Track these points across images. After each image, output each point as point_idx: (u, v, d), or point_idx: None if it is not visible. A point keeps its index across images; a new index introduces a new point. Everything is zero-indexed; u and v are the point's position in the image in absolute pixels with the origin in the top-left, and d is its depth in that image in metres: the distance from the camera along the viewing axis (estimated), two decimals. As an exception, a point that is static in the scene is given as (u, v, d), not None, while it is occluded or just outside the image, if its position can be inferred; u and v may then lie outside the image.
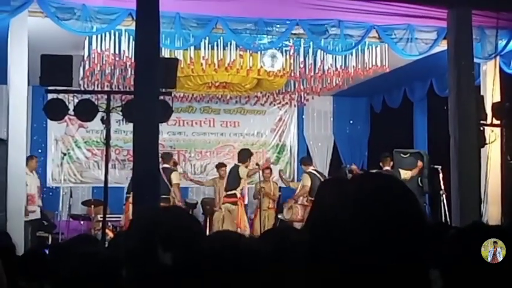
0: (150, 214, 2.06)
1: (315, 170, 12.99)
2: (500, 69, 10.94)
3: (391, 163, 12.65)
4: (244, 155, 12.75)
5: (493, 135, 10.22)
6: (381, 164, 12.56)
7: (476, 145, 9.02)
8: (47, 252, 4.23)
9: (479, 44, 10.36)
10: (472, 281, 1.94)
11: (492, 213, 10.26)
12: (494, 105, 10.20)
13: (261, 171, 12.98)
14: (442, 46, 10.25)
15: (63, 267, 2.70)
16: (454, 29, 9.07)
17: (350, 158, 15.78)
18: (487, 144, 10.04)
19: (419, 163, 12.59)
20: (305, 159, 13.80)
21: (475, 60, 9.88)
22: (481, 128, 9.77)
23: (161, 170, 10.35)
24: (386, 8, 10.13)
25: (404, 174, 12.13)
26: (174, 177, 12.06)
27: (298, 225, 11.16)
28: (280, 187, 14.04)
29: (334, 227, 1.39)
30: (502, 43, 10.66)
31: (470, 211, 8.71)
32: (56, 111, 8.89)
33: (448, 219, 10.96)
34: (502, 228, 1.85)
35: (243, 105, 15.79)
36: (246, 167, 12.57)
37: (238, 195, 12.46)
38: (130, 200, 11.50)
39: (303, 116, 16.42)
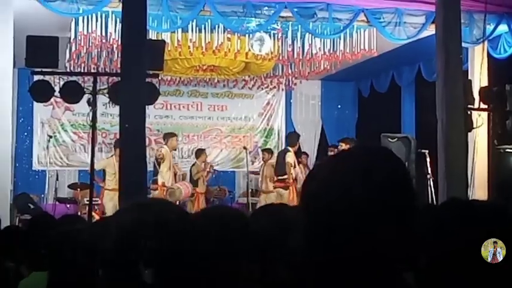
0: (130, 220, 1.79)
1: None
2: (488, 54, 10.95)
3: None
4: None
5: (480, 119, 10.23)
6: None
7: (463, 129, 8.99)
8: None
9: (467, 29, 10.34)
10: (447, 255, 1.94)
11: (479, 197, 10.28)
12: (482, 90, 10.20)
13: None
14: (430, 30, 10.21)
15: (45, 244, 2.67)
16: (442, 12, 9.01)
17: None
18: (474, 128, 10.05)
19: None
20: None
21: (463, 44, 9.85)
22: (469, 113, 9.78)
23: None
24: (374, -9, 10.11)
25: None
26: None
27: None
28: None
29: (341, 210, 1.33)
30: (490, 28, 10.66)
31: (457, 195, 8.71)
32: (42, 92, 8.82)
33: (434, 203, 10.99)
34: (479, 202, 1.84)
35: (231, 89, 15.75)
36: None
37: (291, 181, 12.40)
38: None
39: (291, 100, 16.40)
